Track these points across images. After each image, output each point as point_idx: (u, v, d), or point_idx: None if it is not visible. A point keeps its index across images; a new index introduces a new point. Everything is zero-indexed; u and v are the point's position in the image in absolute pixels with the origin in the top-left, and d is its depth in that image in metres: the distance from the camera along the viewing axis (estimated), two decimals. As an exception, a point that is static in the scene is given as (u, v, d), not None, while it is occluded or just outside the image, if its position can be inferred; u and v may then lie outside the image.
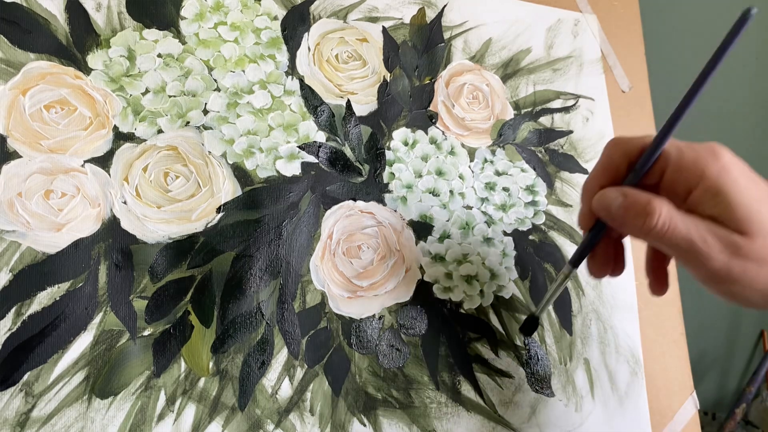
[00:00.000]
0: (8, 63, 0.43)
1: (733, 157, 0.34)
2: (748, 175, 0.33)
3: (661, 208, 0.33)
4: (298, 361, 0.44)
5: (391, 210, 0.50)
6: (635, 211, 0.34)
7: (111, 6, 0.47)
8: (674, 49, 1.06)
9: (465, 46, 0.58)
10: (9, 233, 0.40)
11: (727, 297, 0.35)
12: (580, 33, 0.64)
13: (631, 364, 0.53)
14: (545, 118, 0.59)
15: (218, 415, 0.41)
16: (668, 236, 0.33)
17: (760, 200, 0.32)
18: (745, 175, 0.33)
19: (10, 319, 0.38)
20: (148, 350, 0.41)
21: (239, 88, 0.48)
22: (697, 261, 0.33)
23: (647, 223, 0.34)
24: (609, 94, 0.63)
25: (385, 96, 0.53)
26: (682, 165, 0.34)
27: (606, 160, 0.37)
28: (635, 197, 0.35)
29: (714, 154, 0.33)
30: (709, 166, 0.33)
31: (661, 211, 0.33)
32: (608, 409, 0.51)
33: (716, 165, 0.33)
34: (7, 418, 0.37)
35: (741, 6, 0.31)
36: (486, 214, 0.53)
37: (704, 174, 0.33)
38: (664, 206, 0.34)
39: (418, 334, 0.47)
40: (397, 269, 0.48)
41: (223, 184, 0.45)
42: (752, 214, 0.32)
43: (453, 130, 0.54)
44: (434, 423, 0.45)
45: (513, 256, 0.52)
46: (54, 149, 0.42)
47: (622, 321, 0.54)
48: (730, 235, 0.32)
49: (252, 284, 0.44)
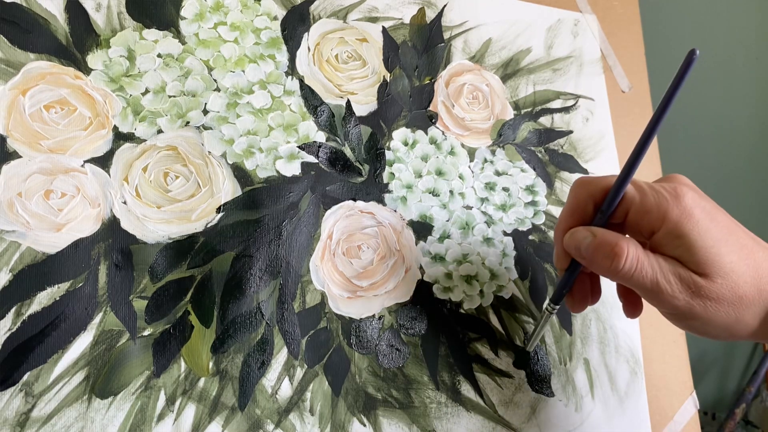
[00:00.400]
0: (8, 63, 0.43)
1: (695, 196, 0.35)
2: (709, 214, 0.35)
3: (629, 250, 0.35)
4: (298, 361, 0.44)
5: (391, 210, 0.50)
6: (604, 252, 0.36)
7: (111, 6, 0.47)
8: (674, 49, 1.06)
9: (465, 46, 0.58)
10: (9, 233, 0.40)
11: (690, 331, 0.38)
12: (580, 33, 0.64)
13: (631, 364, 0.53)
14: (545, 118, 0.59)
15: (218, 415, 0.41)
16: (635, 277, 0.35)
17: (719, 240, 0.34)
18: (707, 214, 0.35)
19: (10, 319, 0.38)
20: (148, 350, 0.41)
21: (239, 88, 0.48)
22: (661, 300, 0.36)
23: (615, 263, 0.35)
24: (609, 94, 0.63)
25: (385, 96, 0.53)
26: (644, 208, 0.35)
27: (573, 202, 0.39)
28: (604, 237, 0.36)
29: (676, 197, 0.34)
30: (670, 210, 0.34)
31: (628, 252, 0.35)
32: (608, 408, 0.51)
33: (677, 209, 0.34)
34: (7, 418, 0.37)
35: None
36: (486, 214, 0.53)
37: (666, 217, 0.34)
38: (632, 247, 0.35)
39: (418, 334, 0.47)
40: (396, 269, 0.48)
41: (223, 184, 0.45)
42: (711, 256, 0.34)
43: (453, 130, 0.54)
44: (434, 423, 0.45)
45: (513, 256, 0.52)
46: (54, 149, 0.42)
47: (621, 321, 0.54)
48: (692, 276, 0.34)
49: (252, 284, 0.44)
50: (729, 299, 0.34)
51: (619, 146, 0.61)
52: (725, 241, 0.34)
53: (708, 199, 0.36)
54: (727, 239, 0.34)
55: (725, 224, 0.35)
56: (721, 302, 0.35)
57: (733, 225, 0.36)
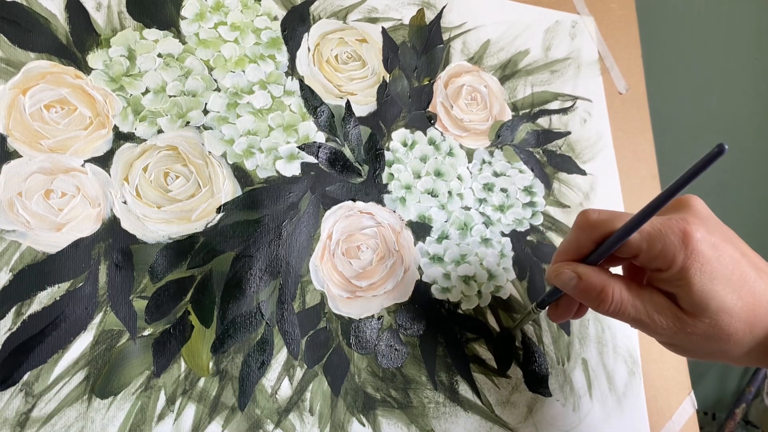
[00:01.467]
0: (8, 62, 0.42)
1: (705, 234, 0.35)
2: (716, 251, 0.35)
3: (614, 294, 0.37)
4: (298, 361, 0.44)
5: (390, 210, 0.50)
6: (590, 296, 0.38)
7: (111, 5, 0.46)
8: (671, 51, 1.06)
9: (464, 47, 0.58)
10: (9, 233, 0.40)
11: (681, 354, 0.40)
12: (578, 35, 0.64)
13: (629, 364, 0.54)
14: (543, 119, 0.59)
15: (218, 415, 0.41)
16: (620, 316, 0.38)
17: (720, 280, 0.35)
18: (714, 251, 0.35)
19: (10, 319, 0.38)
20: (148, 350, 0.41)
21: (239, 89, 0.48)
22: (647, 332, 0.38)
23: (601, 306, 0.38)
24: (606, 96, 0.63)
25: (384, 97, 0.53)
26: (651, 255, 0.36)
27: (574, 244, 0.40)
28: (589, 281, 0.38)
29: (683, 240, 0.35)
30: (677, 255, 0.35)
31: (613, 297, 0.37)
32: (606, 409, 0.51)
33: (684, 253, 0.35)
34: (7, 418, 0.37)
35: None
36: (484, 215, 0.53)
37: (673, 263, 0.35)
38: (616, 291, 0.37)
39: (417, 335, 0.48)
40: (395, 270, 0.49)
41: (223, 184, 0.45)
42: (705, 298, 0.35)
43: (451, 131, 0.55)
44: (432, 422, 0.46)
45: (511, 257, 0.53)
46: (54, 149, 0.42)
47: (620, 321, 0.54)
48: (680, 315, 0.36)
49: (252, 284, 0.44)
50: (715, 336, 0.35)
51: (616, 147, 0.61)
52: (726, 280, 0.35)
53: (718, 230, 0.36)
54: (729, 278, 0.35)
55: (730, 259, 0.35)
56: (707, 338, 0.36)
57: (739, 257, 0.36)
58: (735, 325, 0.35)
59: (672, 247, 0.35)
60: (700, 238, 0.35)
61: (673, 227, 0.35)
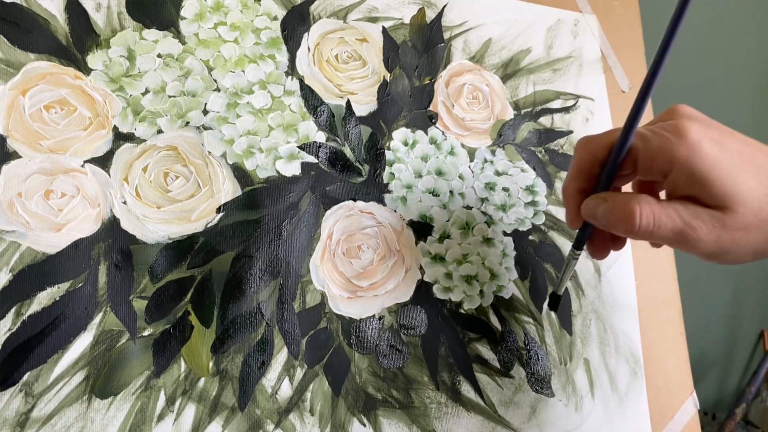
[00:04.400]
0: (8, 63, 0.43)
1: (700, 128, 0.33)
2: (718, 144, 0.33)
3: (641, 208, 0.34)
4: (298, 361, 0.44)
5: (391, 210, 0.50)
6: (618, 216, 0.35)
7: (111, 6, 0.47)
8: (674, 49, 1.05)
9: (465, 46, 0.58)
10: (9, 233, 0.40)
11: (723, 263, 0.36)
12: (580, 33, 0.64)
13: (631, 364, 0.53)
14: (545, 118, 0.59)
15: (218, 415, 0.41)
16: (656, 233, 0.35)
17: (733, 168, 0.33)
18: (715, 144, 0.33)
19: (10, 319, 0.38)
20: (148, 350, 0.41)
21: (239, 89, 0.48)
22: (690, 245, 0.35)
23: (631, 225, 0.35)
24: (609, 94, 0.63)
25: (385, 96, 0.53)
26: (650, 154, 0.34)
27: (578, 163, 0.38)
28: (615, 201, 0.36)
29: (679, 135, 0.33)
30: (676, 150, 0.33)
31: (641, 211, 0.34)
32: (608, 409, 0.51)
33: (683, 147, 0.33)
34: (7, 418, 0.37)
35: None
36: (486, 214, 0.53)
37: (674, 159, 0.33)
38: (644, 205, 0.34)
39: (418, 334, 0.47)
40: (396, 269, 0.48)
41: (223, 184, 0.45)
42: (727, 187, 0.33)
43: (453, 130, 0.54)
44: (434, 423, 0.45)
45: (513, 256, 0.52)
46: (54, 149, 0.42)
47: (621, 321, 0.54)
48: (713, 213, 0.34)
49: (252, 284, 0.44)
50: (755, 225, 0.33)
51: (619, 146, 0.61)
52: (740, 168, 0.33)
53: (715, 126, 0.34)
54: (742, 165, 0.33)
55: (738, 149, 0.34)
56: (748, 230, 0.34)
57: (747, 147, 0.34)
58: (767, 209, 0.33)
59: (668, 144, 0.33)
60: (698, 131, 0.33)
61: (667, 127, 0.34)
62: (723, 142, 0.33)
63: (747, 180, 0.33)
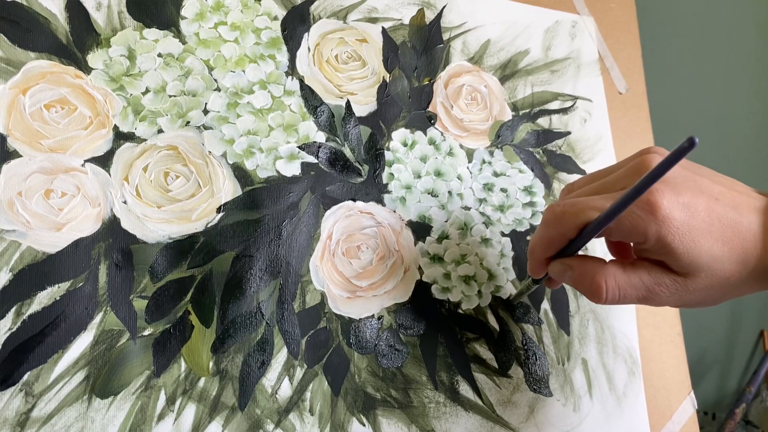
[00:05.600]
0: (8, 62, 0.42)
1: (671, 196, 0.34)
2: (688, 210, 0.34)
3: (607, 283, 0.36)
4: (298, 361, 0.44)
5: (390, 210, 0.50)
6: (584, 287, 0.37)
7: (111, 5, 0.46)
8: (670, 51, 1.06)
9: (464, 47, 0.58)
10: (9, 233, 0.40)
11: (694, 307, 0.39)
12: (578, 35, 0.64)
13: (629, 364, 0.54)
14: (543, 119, 0.59)
15: (218, 415, 0.41)
16: (622, 301, 0.37)
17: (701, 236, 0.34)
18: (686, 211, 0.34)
19: (10, 319, 0.38)
20: (148, 350, 0.41)
21: (239, 88, 0.48)
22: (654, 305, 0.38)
23: (598, 297, 0.37)
24: (606, 96, 0.63)
25: (384, 97, 0.53)
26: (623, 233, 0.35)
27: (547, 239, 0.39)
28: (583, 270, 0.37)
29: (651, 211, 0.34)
30: (648, 228, 0.34)
31: (607, 286, 0.36)
32: (606, 409, 0.51)
33: (654, 225, 0.34)
34: (7, 418, 0.37)
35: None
36: (484, 215, 0.53)
37: (646, 235, 0.34)
38: (610, 279, 0.36)
39: (417, 334, 0.48)
40: (395, 269, 0.49)
41: (223, 184, 0.45)
42: (692, 257, 0.34)
43: (451, 131, 0.55)
44: (433, 422, 0.46)
45: (511, 257, 0.53)
46: (54, 149, 0.42)
47: (619, 321, 0.54)
48: (677, 279, 0.36)
49: (252, 284, 0.44)
50: (715, 285, 0.35)
51: (616, 147, 0.61)
52: (706, 233, 0.34)
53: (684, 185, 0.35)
54: (709, 228, 0.34)
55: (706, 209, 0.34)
56: (711, 289, 0.36)
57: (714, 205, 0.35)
58: (730, 269, 0.35)
59: (641, 222, 0.34)
60: (668, 204, 0.34)
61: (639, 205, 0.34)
62: (692, 205, 0.34)
63: (713, 245, 0.34)
